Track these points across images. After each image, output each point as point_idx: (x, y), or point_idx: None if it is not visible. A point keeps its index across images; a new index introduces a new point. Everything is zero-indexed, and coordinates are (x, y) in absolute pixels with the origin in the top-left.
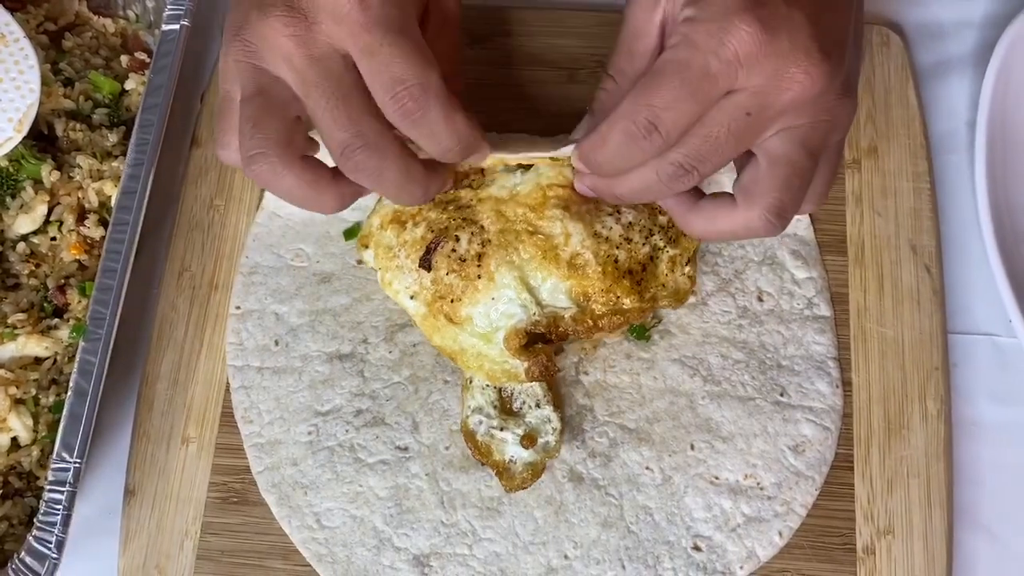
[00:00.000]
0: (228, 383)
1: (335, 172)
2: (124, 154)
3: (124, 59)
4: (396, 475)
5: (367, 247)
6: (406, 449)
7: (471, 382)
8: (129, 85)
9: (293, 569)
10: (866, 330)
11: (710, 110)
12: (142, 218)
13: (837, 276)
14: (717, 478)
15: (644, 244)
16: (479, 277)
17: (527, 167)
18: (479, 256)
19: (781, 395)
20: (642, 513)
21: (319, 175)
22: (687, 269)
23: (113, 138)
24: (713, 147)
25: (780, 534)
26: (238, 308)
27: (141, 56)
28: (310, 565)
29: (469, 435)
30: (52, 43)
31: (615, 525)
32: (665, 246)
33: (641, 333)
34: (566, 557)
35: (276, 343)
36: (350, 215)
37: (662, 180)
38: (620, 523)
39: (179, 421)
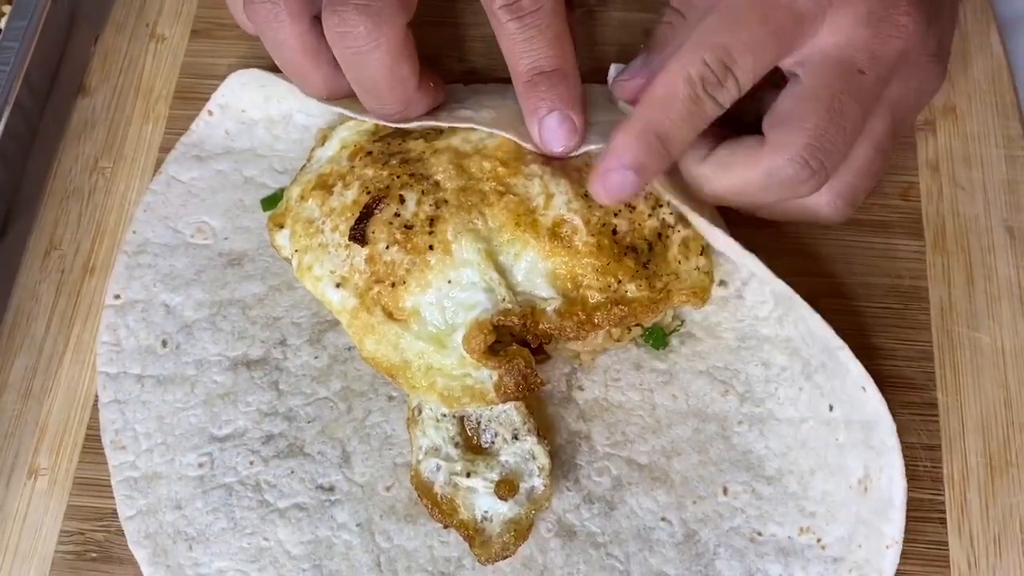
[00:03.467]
0: (97, 396)
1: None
2: None
3: None
4: (316, 525)
5: (282, 227)
6: (332, 489)
7: (420, 412)
8: (3, 24)
9: None
10: (953, 335)
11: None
12: None
13: (912, 266)
14: (760, 534)
15: (651, 215)
16: (431, 248)
17: None
18: (431, 221)
19: (830, 409)
20: None
21: (322, 48)
22: (700, 261)
23: None
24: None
25: None
26: (117, 297)
27: None
28: None
29: (424, 488)
30: None
31: None
32: (676, 224)
33: (660, 339)
34: None
35: (164, 344)
36: (273, 181)
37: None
38: None
39: (27, 446)
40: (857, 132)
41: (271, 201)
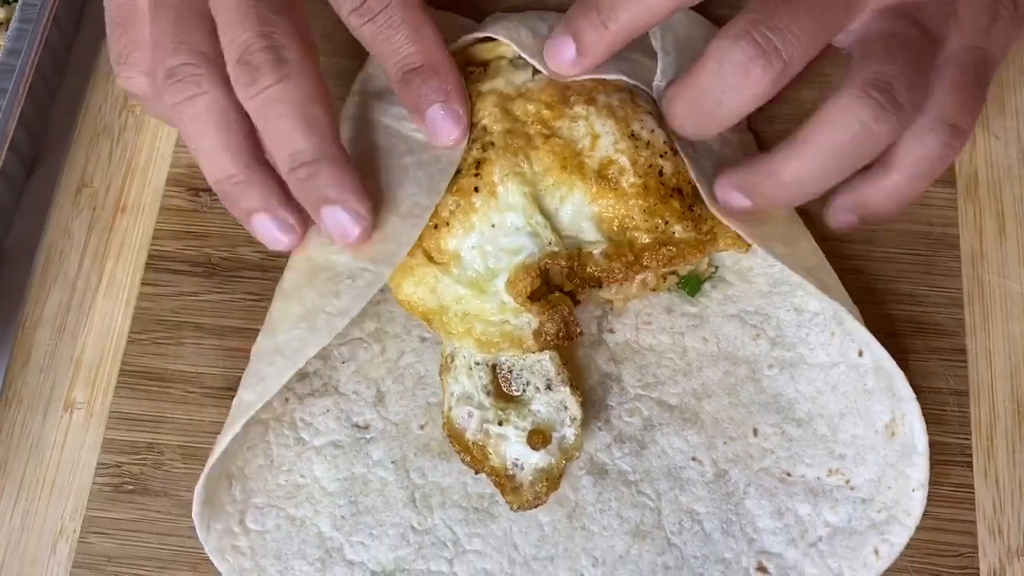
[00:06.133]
0: (130, 333)
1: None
2: None
3: None
4: (352, 463)
5: None
6: (366, 427)
7: (453, 359)
8: None
9: None
10: (984, 283)
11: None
12: (21, 98)
13: (944, 213)
14: (790, 474)
15: None
16: (476, 191)
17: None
18: (477, 164)
19: (860, 355)
20: (687, 520)
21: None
22: None
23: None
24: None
25: (876, 552)
26: None
27: None
28: None
29: (455, 434)
30: None
31: (650, 535)
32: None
33: (695, 286)
34: None
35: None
36: None
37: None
38: (657, 532)
39: (63, 380)
40: (817, 11)
41: None
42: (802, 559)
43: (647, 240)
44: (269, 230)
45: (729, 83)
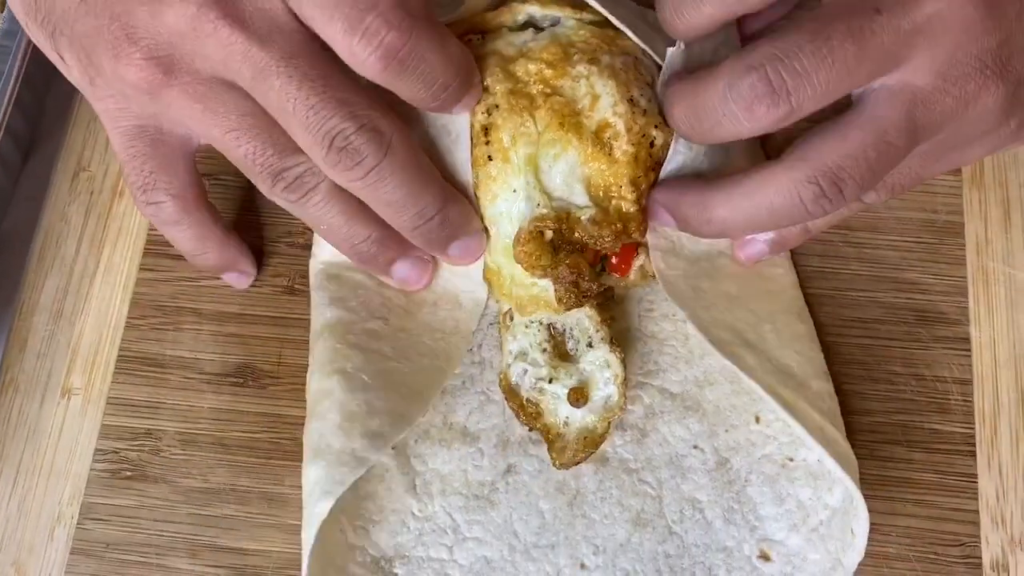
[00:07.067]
0: (127, 319)
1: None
2: None
3: None
4: None
5: None
6: None
7: (511, 319)
8: None
9: (203, 570)
10: (989, 271)
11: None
12: (17, 80)
13: (949, 200)
14: (791, 459)
15: None
16: (490, 159)
17: (539, 28)
18: (485, 131)
19: None
20: (689, 508)
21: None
22: None
23: None
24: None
25: (852, 532)
26: None
27: None
28: (223, 566)
29: (510, 391)
30: None
31: (651, 524)
32: None
33: None
34: (583, 566)
35: None
36: None
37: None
38: (658, 521)
39: (60, 366)
40: (841, 67)
41: None
42: (805, 545)
43: (634, 210)
44: (409, 272)
45: (731, 109)
